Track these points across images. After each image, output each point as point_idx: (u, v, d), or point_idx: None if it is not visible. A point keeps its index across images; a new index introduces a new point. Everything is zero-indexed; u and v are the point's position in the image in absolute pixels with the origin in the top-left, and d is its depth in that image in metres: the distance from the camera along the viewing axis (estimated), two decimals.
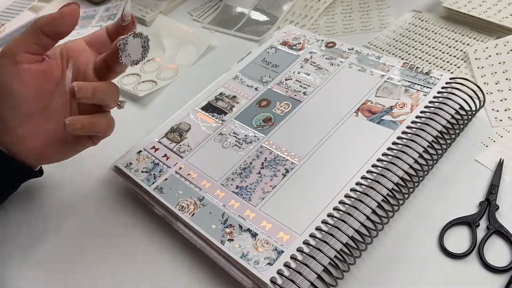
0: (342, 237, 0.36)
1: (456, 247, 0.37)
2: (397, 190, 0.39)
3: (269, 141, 0.45)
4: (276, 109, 0.48)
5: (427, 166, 0.40)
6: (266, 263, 0.35)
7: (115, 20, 0.45)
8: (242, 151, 0.45)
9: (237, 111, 0.49)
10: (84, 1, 0.82)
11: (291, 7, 0.66)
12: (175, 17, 0.73)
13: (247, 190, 0.41)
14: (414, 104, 0.44)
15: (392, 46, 0.57)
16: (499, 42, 0.51)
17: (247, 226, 0.38)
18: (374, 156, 0.41)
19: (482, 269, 0.35)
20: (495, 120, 0.46)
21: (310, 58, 0.53)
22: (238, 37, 0.65)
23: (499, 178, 0.40)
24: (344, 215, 0.37)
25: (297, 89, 0.50)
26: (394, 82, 0.47)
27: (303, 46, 0.55)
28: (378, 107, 0.45)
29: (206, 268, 0.39)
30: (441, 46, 0.55)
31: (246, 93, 0.51)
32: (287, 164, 0.42)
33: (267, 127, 0.47)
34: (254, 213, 0.39)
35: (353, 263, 0.36)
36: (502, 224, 0.37)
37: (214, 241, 0.38)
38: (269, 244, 0.37)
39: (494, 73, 0.49)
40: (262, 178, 0.42)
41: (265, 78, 0.53)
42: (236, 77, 0.54)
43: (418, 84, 0.46)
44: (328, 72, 0.51)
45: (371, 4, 0.65)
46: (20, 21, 0.77)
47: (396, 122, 0.43)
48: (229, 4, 0.71)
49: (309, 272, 0.34)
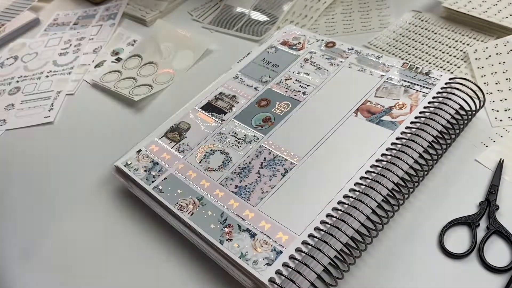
0: (342, 237, 0.35)
1: (456, 247, 0.36)
2: (397, 190, 0.38)
3: (269, 141, 0.45)
4: (275, 109, 0.48)
5: (427, 166, 0.40)
6: (264, 263, 0.35)
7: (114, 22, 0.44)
8: (242, 151, 0.45)
9: (236, 110, 0.49)
10: (84, 1, 0.82)
11: (291, 7, 0.66)
12: (175, 17, 0.73)
13: (246, 190, 0.41)
14: (414, 105, 0.44)
15: (392, 46, 0.57)
16: (499, 42, 0.51)
17: (246, 226, 0.38)
18: (373, 157, 0.40)
19: (482, 269, 0.35)
20: (495, 120, 0.45)
21: (310, 58, 0.53)
22: (238, 37, 0.65)
23: (499, 178, 0.40)
24: (343, 215, 0.37)
25: (296, 89, 0.50)
26: (393, 82, 0.47)
27: (303, 46, 0.55)
28: (378, 108, 0.45)
29: (206, 268, 0.39)
30: (441, 46, 0.55)
31: (246, 93, 0.51)
32: (286, 164, 0.42)
33: (267, 126, 0.47)
34: (253, 213, 0.39)
35: (353, 263, 0.36)
36: (502, 224, 0.37)
37: (213, 240, 0.37)
38: (268, 245, 0.36)
39: (494, 73, 0.49)
40: (261, 178, 0.42)
41: (265, 77, 0.53)
42: (236, 76, 0.54)
43: (418, 84, 0.46)
44: (328, 72, 0.51)
45: (371, 4, 0.65)
46: (20, 21, 0.77)
47: (395, 122, 0.43)
48: (229, 4, 0.71)
49: (308, 272, 0.34)
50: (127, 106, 0.58)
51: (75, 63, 0.67)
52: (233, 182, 0.42)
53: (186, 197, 0.41)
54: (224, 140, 0.46)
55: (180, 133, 0.48)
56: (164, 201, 0.41)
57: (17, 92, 0.64)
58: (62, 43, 0.72)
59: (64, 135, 0.56)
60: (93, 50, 0.69)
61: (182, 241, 0.41)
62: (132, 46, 0.68)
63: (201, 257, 0.39)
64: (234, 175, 0.42)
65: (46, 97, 0.62)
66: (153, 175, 0.44)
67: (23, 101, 0.62)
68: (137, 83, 0.60)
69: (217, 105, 0.51)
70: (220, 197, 0.41)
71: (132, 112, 0.57)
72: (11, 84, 0.66)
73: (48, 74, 0.66)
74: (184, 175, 0.43)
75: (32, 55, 0.70)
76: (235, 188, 0.41)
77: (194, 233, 0.39)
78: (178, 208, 0.41)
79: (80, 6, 0.81)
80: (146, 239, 0.42)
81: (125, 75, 0.62)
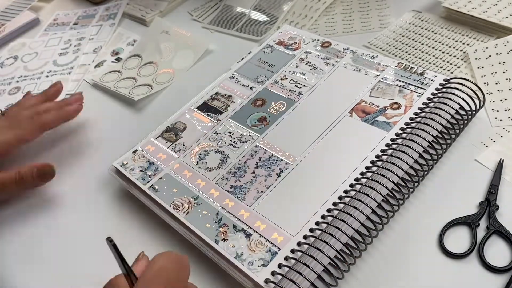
0: (342, 237, 0.35)
1: (456, 247, 0.36)
2: (397, 190, 0.38)
3: (264, 141, 0.45)
4: (271, 109, 0.48)
5: (427, 166, 0.40)
6: (260, 264, 0.35)
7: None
8: (237, 150, 0.44)
9: (232, 110, 0.49)
10: (84, 1, 0.82)
11: (291, 7, 0.66)
12: (175, 17, 0.72)
13: (242, 189, 0.41)
14: (408, 105, 0.44)
15: (392, 46, 0.56)
16: (499, 42, 0.51)
17: (241, 226, 0.38)
18: (368, 158, 0.40)
19: (482, 269, 0.35)
20: (495, 120, 0.45)
21: (306, 57, 0.53)
22: (238, 37, 0.65)
23: (499, 178, 0.40)
24: (340, 213, 0.36)
25: (292, 88, 0.50)
26: (388, 82, 0.47)
27: (298, 46, 0.55)
28: (372, 108, 0.45)
29: (206, 268, 0.39)
30: (441, 46, 0.54)
31: (242, 93, 0.51)
32: (282, 164, 0.42)
33: (262, 126, 0.46)
34: (248, 213, 0.39)
35: (353, 263, 0.35)
36: (502, 224, 0.37)
37: (208, 240, 0.37)
38: (263, 245, 0.36)
39: (494, 73, 0.49)
40: (257, 177, 0.41)
41: (261, 77, 0.52)
42: (232, 76, 0.54)
43: (412, 84, 0.46)
44: (323, 72, 0.50)
45: (371, 4, 0.65)
46: (20, 21, 0.77)
47: (389, 123, 0.43)
48: (229, 4, 0.71)
49: (308, 272, 0.33)
50: (127, 106, 0.58)
51: (75, 63, 0.67)
52: (229, 181, 0.42)
53: (181, 196, 0.41)
54: (219, 139, 0.46)
55: (176, 133, 0.48)
56: (159, 200, 0.41)
57: (17, 92, 0.64)
58: (62, 43, 0.72)
59: (64, 135, 0.56)
60: (93, 50, 0.69)
61: (182, 241, 0.40)
62: (132, 46, 0.68)
63: (200, 258, 0.39)
64: (229, 175, 0.42)
65: None
66: (148, 175, 0.44)
67: None
68: (137, 83, 0.60)
69: (213, 105, 0.50)
70: (216, 196, 0.41)
71: (132, 112, 0.57)
72: (11, 84, 0.66)
73: (48, 74, 0.66)
74: (180, 175, 0.43)
75: (32, 55, 0.70)
76: (231, 187, 0.41)
77: (191, 233, 0.39)
78: (173, 207, 0.40)
79: (80, 6, 0.81)
80: (146, 239, 0.42)
81: (125, 75, 0.62)
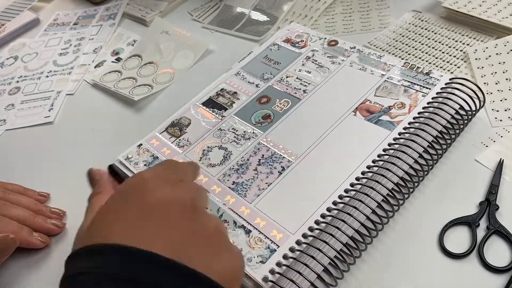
0: (342, 237, 0.35)
1: (456, 247, 0.36)
2: (397, 190, 0.38)
3: (267, 138, 0.45)
4: (275, 106, 0.48)
5: (427, 166, 0.40)
6: (258, 261, 0.35)
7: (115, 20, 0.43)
8: (240, 147, 0.45)
9: (237, 107, 0.49)
10: (84, 1, 0.82)
11: (291, 7, 0.66)
12: (175, 17, 0.73)
13: (243, 186, 0.41)
14: (413, 105, 0.44)
15: (392, 46, 0.57)
16: (499, 42, 0.51)
17: (241, 223, 0.38)
18: (370, 157, 0.40)
19: (482, 269, 0.35)
20: (495, 120, 0.45)
21: (312, 56, 0.53)
22: (238, 37, 0.65)
23: (499, 178, 0.40)
24: (340, 213, 0.37)
25: (297, 86, 0.50)
26: (394, 81, 0.47)
27: (305, 44, 0.55)
28: (377, 107, 0.45)
29: None
30: (441, 46, 0.55)
31: (247, 90, 0.51)
32: (284, 162, 0.42)
33: (266, 124, 0.47)
34: (249, 209, 0.39)
35: (353, 263, 0.36)
36: (502, 224, 0.37)
37: None
38: (262, 242, 0.36)
39: (494, 73, 0.49)
40: (259, 175, 0.42)
41: (267, 75, 0.53)
42: (238, 73, 0.54)
43: (418, 84, 0.46)
44: (329, 71, 0.51)
45: (371, 4, 0.65)
46: (20, 21, 0.77)
47: (393, 123, 0.43)
48: (229, 4, 0.71)
49: (308, 272, 0.34)
50: (127, 106, 0.58)
51: (75, 63, 0.67)
52: (231, 178, 0.42)
53: None
54: (223, 136, 0.46)
55: (180, 128, 0.48)
56: None
57: (17, 92, 0.64)
58: (62, 43, 0.72)
59: (64, 135, 0.56)
60: (93, 50, 0.69)
61: None
62: (132, 46, 0.68)
63: None
64: (232, 171, 0.43)
65: (46, 97, 0.62)
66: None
67: (23, 101, 0.62)
68: (137, 83, 0.60)
69: (218, 101, 0.51)
70: (217, 192, 0.41)
71: (132, 112, 0.57)
72: (11, 84, 0.66)
73: (48, 74, 0.66)
74: None
75: (32, 55, 0.70)
76: (232, 184, 0.41)
77: None
78: None
79: (80, 6, 0.81)
80: None
81: (125, 75, 0.62)
